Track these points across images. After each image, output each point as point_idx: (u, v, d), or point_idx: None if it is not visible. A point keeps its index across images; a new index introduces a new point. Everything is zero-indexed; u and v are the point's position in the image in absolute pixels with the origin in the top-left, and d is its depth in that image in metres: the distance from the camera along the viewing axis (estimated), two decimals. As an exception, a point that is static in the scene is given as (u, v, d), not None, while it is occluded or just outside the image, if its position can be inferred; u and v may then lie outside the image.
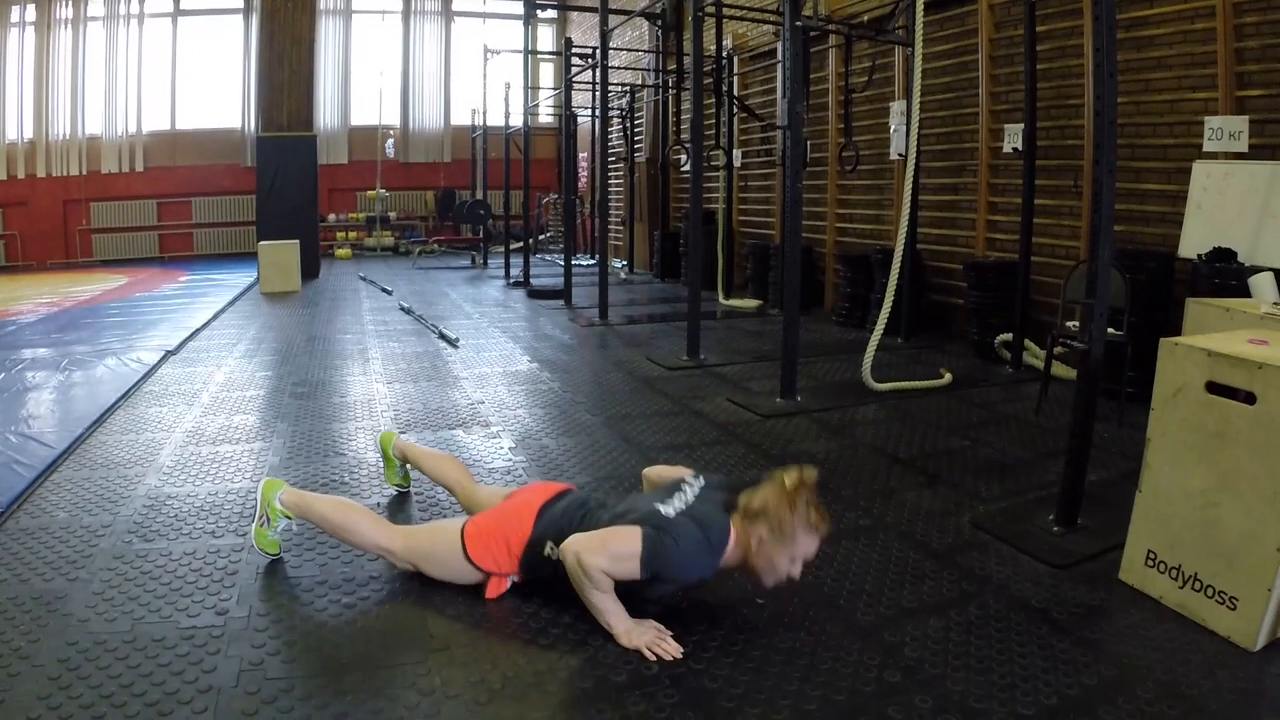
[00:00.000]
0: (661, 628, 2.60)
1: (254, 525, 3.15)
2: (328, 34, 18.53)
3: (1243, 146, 5.42)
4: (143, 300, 11.23)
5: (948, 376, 6.20)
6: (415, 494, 3.87)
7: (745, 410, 5.44)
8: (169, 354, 7.22)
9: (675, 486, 2.83)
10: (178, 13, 18.05)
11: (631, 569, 2.56)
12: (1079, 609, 2.84)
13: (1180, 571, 2.79)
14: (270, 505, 3.10)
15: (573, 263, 10.79)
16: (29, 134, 17.10)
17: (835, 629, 2.71)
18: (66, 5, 17.13)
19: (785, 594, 2.90)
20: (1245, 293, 4.46)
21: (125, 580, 2.98)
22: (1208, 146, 5.60)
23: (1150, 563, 2.90)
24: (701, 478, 2.90)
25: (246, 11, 18.02)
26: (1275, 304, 4.05)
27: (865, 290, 8.56)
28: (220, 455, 4.48)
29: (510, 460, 4.39)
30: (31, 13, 16.95)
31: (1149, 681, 2.41)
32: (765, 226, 11.48)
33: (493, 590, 2.85)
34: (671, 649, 2.53)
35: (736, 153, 11.52)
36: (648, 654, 2.51)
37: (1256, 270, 4.62)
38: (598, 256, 9.52)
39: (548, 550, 2.77)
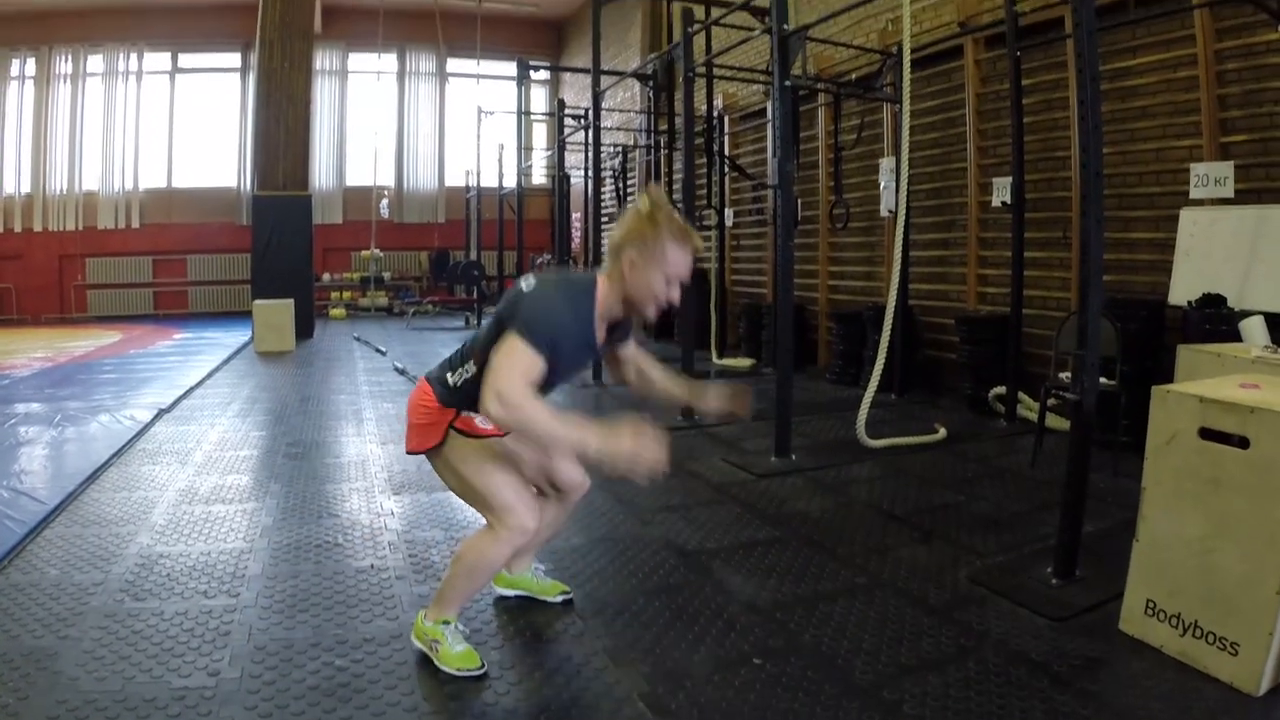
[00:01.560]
0: (638, 422, 2.45)
1: (437, 663, 2.80)
2: (324, 94, 18.76)
3: (1228, 192, 5.49)
4: (137, 357, 11.22)
5: (942, 431, 6.20)
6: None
7: (740, 470, 5.43)
8: (163, 412, 7.19)
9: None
10: (176, 71, 18.30)
11: (534, 361, 2.44)
12: (1079, 661, 2.82)
13: (1180, 619, 2.78)
14: (423, 629, 2.86)
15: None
16: (26, 188, 17.25)
17: (833, 688, 2.68)
18: (66, 60, 17.36)
19: (781, 654, 2.89)
20: (1236, 337, 4.48)
21: (116, 639, 2.95)
22: (1194, 193, 5.67)
23: (1150, 612, 2.88)
24: None
25: (244, 71, 18.27)
26: (1266, 347, 4.07)
27: (858, 347, 8.58)
28: (213, 515, 4.45)
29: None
30: (31, 66, 17.17)
31: (1152, 734, 2.39)
32: (758, 285, 11.54)
33: (472, 426, 2.73)
34: (657, 460, 2.40)
35: (728, 212, 11.61)
36: (640, 481, 2.42)
37: (1246, 314, 4.65)
38: (591, 315, 9.52)
39: (450, 379, 2.73)
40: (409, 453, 2.83)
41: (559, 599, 3.32)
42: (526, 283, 2.63)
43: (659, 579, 3.59)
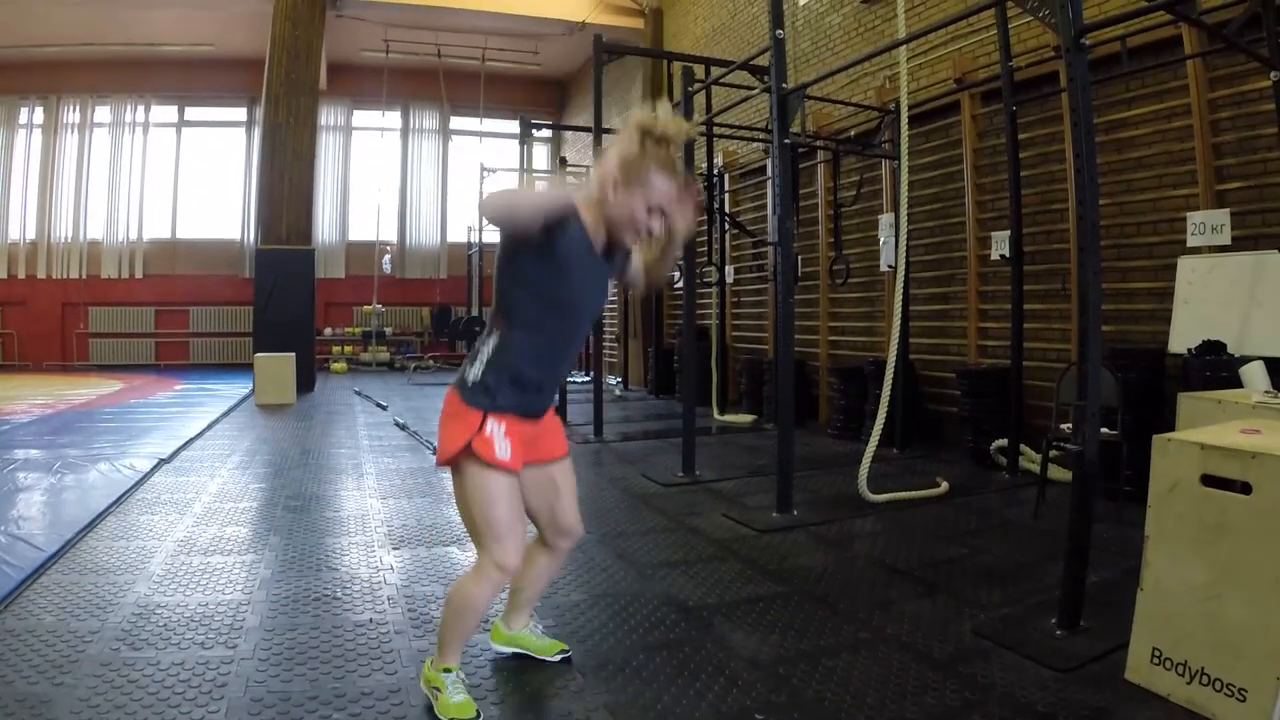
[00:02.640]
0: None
1: (436, 710, 2.79)
2: (328, 150, 19.00)
3: (1225, 239, 5.53)
4: (137, 407, 11.22)
5: (944, 485, 6.18)
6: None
7: (742, 525, 5.40)
8: (162, 462, 7.17)
9: None
10: (182, 123, 18.56)
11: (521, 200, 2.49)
12: (1086, 712, 2.79)
13: (1187, 667, 2.75)
14: (429, 676, 2.87)
15: (567, 380, 10.80)
16: (31, 235, 17.45)
17: (838, 740, 2.65)
18: (74, 110, 17.60)
19: (784, 710, 2.85)
20: (1237, 383, 4.50)
21: (112, 688, 2.91)
22: (1191, 241, 5.72)
23: (1156, 660, 2.86)
24: None
25: (249, 125, 18.52)
26: (1267, 392, 4.07)
27: (859, 402, 8.57)
28: (212, 566, 4.42)
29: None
30: (40, 115, 17.40)
31: (1161, 785, 2.35)
32: (758, 341, 11.58)
33: (489, 454, 2.67)
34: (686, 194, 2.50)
35: (729, 269, 11.69)
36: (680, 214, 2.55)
37: (1246, 360, 4.66)
38: (592, 373, 9.56)
39: (470, 375, 2.71)
40: (439, 465, 2.78)
41: (557, 658, 3.27)
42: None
43: (660, 634, 3.56)
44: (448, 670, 2.81)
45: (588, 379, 14.09)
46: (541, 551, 3.11)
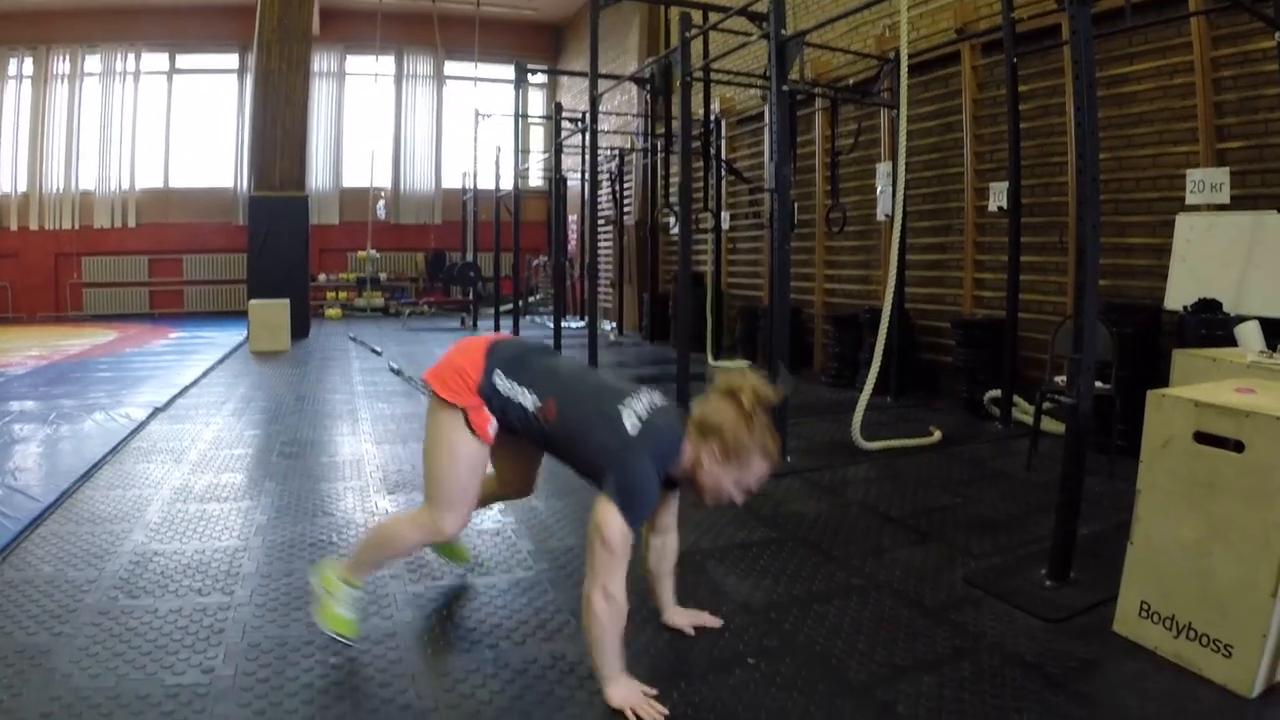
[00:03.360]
0: (649, 690, 2.57)
1: (317, 612, 2.95)
2: (321, 96, 18.77)
3: (1224, 198, 5.50)
4: (132, 356, 11.21)
5: (937, 434, 6.21)
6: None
7: (735, 470, 5.42)
8: (157, 410, 7.19)
9: (637, 389, 2.75)
10: (173, 71, 18.30)
11: (629, 546, 2.53)
12: (1073, 663, 2.82)
13: (1174, 621, 2.79)
14: (324, 578, 2.96)
15: (562, 325, 10.80)
16: (22, 186, 17.25)
17: (827, 688, 2.68)
18: (64, 60, 17.35)
19: (776, 654, 2.89)
20: (1232, 342, 4.50)
21: (110, 636, 2.94)
22: (1190, 199, 5.68)
23: (1144, 614, 2.89)
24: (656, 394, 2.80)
25: (241, 72, 18.28)
26: (1261, 352, 4.08)
27: (854, 350, 8.59)
28: (208, 513, 4.44)
29: (499, 522, 4.34)
30: (30, 66, 17.16)
31: (1146, 735, 2.39)
32: (754, 288, 11.55)
33: (480, 428, 2.76)
34: (656, 712, 2.48)
35: (725, 215, 11.63)
36: (631, 717, 2.46)
37: (1242, 319, 4.66)
38: (587, 319, 9.55)
39: (500, 382, 2.74)
40: (424, 380, 2.86)
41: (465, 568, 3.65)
42: (630, 417, 2.60)
43: (653, 579, 3.59)
44: (349, 584, 2.93)
45: (582, 324, 14.10)
46: (490, 481, 3.28)
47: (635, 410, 2.62)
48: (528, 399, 2.72)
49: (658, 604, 3.13)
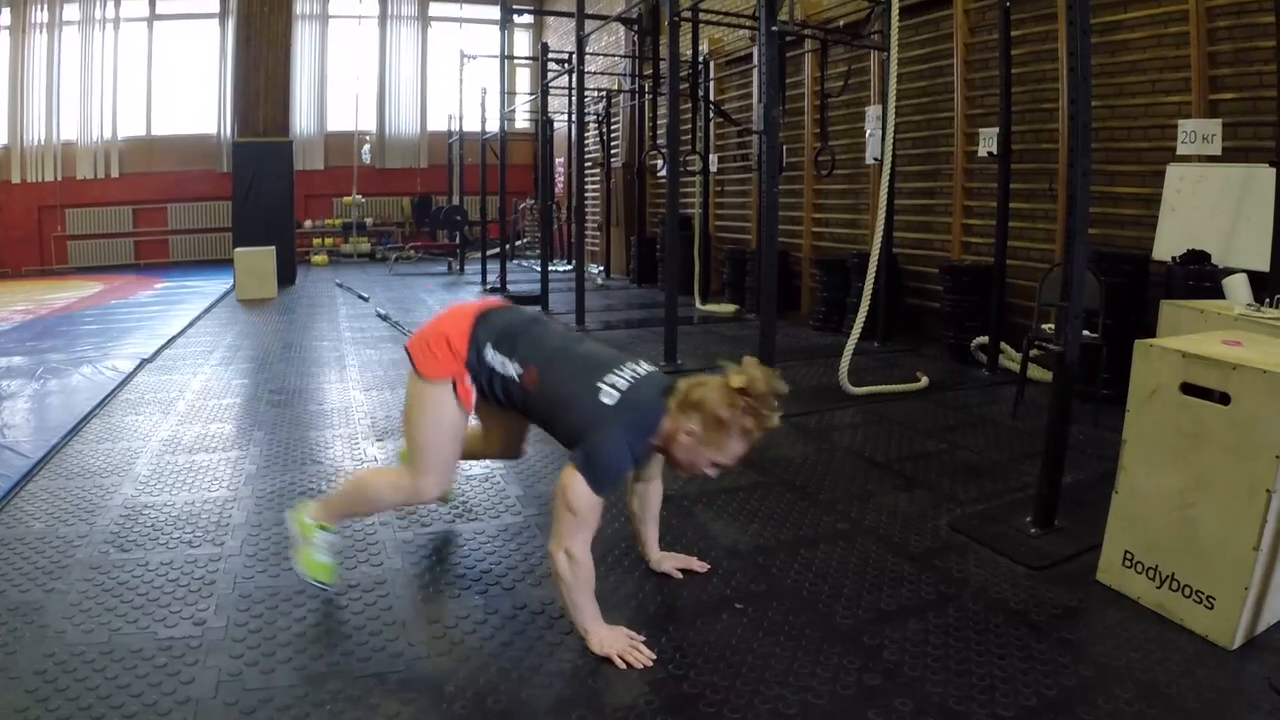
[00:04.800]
0: (634, 634, 2.60)
1: (295, 557, 2.96)
2: (304, 39, 18.45)
3: (1216, 149, 5.46)
4: (118, 308, 11.13)
5: (924, 380, 6.22)
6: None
7: (723, 414, 5.44)
8: (145, 362, 7.15)
9: (622, 360, 2.77)
10: (153, 17, 17.92)
11: (597, 511, 2.56)
12: (1057, 610, 2.86)
13: (1157, 571, 2.82)
14: (301, 523, 2.96)
15: (549, 268, 10.75)
16: (3, 139, 16.94)
17: (814, 633, 2.72)
18: (42, 9, 16.97)
19: (763, 599, 2.92)
20: (1219, 294, 4.50)
21: (102, 591, 2.96)
22: (1181, 150, 5.64)
23: (1127, 563, 2.92)
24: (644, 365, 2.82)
25: (223, 16, 17.91)
26: (1249, 305, 4.08)
27: (842, 294, 8.58)
28: (197, 464, 4.45)
29: (488, 467, 4.35)
30: (6, 17, 16.79)
31: (1128, 681, 2.43)
32: (742, 231, 11.50)
33: (465, 397, 2.79)
34: (644, 656, 2.51)
35: (713, 158, 11.53)
36: (619, 663, 2.49)
37: (1230, 272, 4.66)
38: (574, 262, 9.51)
39: (489, 355, 2.76)
40: (408, 349, 2.86)
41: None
42: (608, 390, 2.61)
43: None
44: (325, 529, 2.94)
45: (569, 267, 14.05)
46: (479, 441, 3.32)
47: (616, 383, 2.63)
48: (512, 369, 2.74)
49: (643, 549, 3.16)
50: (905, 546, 3.42)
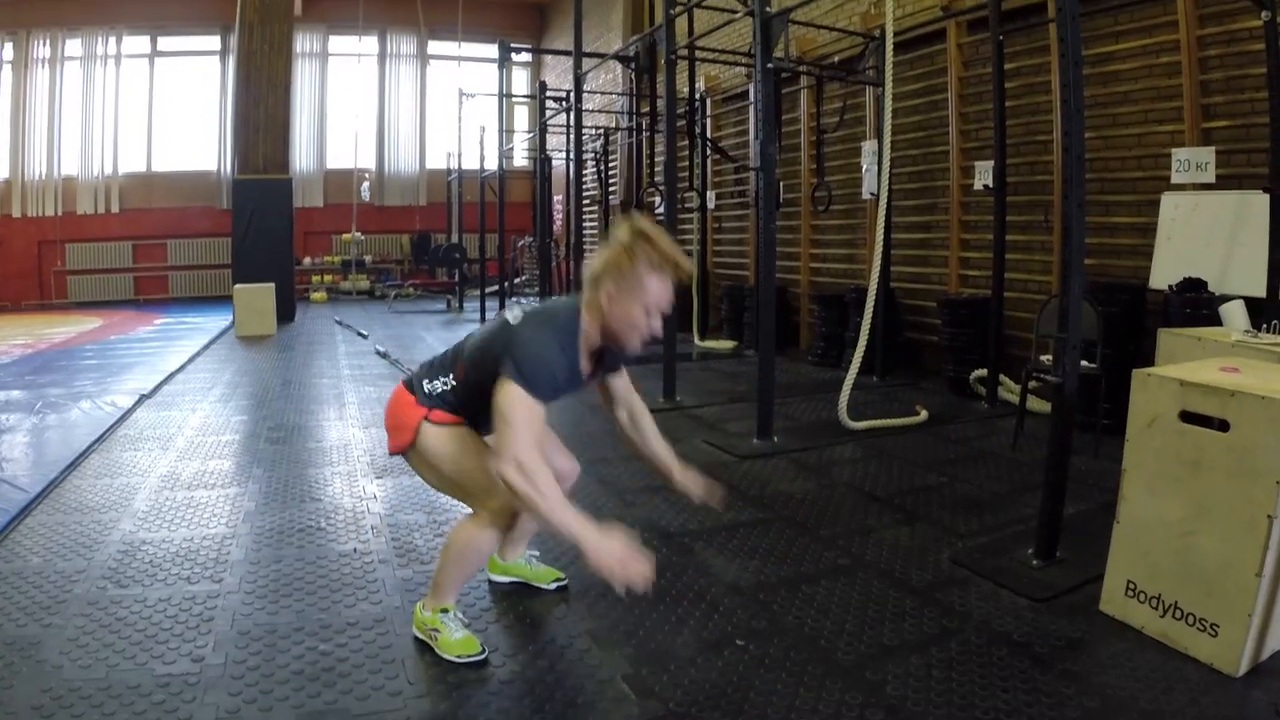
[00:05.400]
0: (630, 541, 2.34)
1: (438, 650, 2.78)
2: (304, 77, 18.62)
3: (1210, 177, 5.50)
4: (118, 343, 11.15)
5: (923, 413, 6.22)
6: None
7: (722, 452, 5.44)
8: (144, 398, 7.15)
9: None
10: (155, 54, 18.11)
11: (538, 412, 2.48)
12: (1060, 642, 2.85)
13: (1160, 600, 2.81)
14: (422, 620, 2.85)
15: (547, 304, 10.72)
16: (4, 174, 17.08)
17: (816, 669, 2.70)
18: (44, 44, 17.15)
19: (765, 635, 2.91)
20: (1217, 321, 4.50)
21: (100, 626, 2.94)
22: (1176, 178, 5.68)
23: (1130, 593, 2.91)
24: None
25: (223, 54, 18.10)
26: (1246, 331, 4.09)
27: (840, 329, 8.60)
28: (196, 500, 4.43)
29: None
30: (9, 51, 16.96)
31: (1133, 711, 2.41)
32: (740, 267, 11.54)
33: (446, 419, 2.77)
34: (642, 572, 2.28)
35: (710, 194, 11.59)
36: (617, 587, 2.28)
37: (1227, 299, 4.67)
38: (573, 297, 9.50)
39: (428, 388, 2.78)
40: (391, 453, 2.85)
41: (553, 586, 3.32)
42: (512, 314, 2.64)
43: (642, 561, 3.60)
44: (444, 610, 2.82)
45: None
46: None
47: (515, 312, 2.67)
48: (450, 381, 2.76)
49: (663, 477, 3.08)
50: (907, 581, 3.40)
